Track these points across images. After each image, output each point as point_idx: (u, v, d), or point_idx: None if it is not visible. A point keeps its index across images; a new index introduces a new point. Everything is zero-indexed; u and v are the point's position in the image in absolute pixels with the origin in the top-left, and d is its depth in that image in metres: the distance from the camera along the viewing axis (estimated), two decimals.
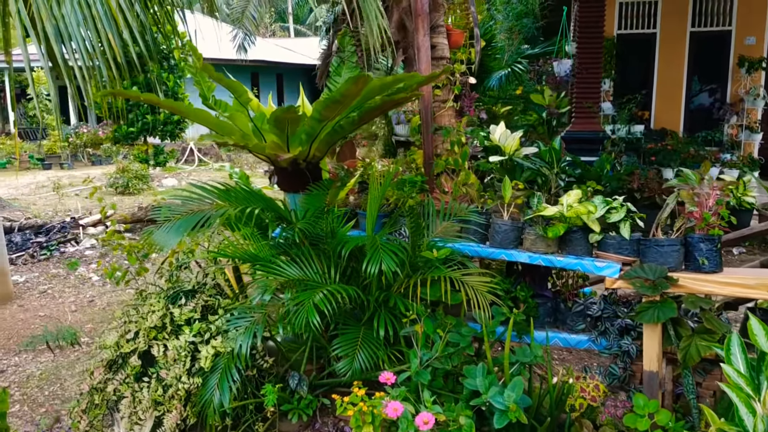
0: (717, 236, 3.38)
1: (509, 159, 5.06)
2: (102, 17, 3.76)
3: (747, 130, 10.53)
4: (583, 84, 8.18)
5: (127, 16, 3.84)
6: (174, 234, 3.03)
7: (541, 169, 6.67)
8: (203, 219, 3.10)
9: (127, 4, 3.83)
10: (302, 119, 3.48)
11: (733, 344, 2.66)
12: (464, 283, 3.12)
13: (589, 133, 8.43)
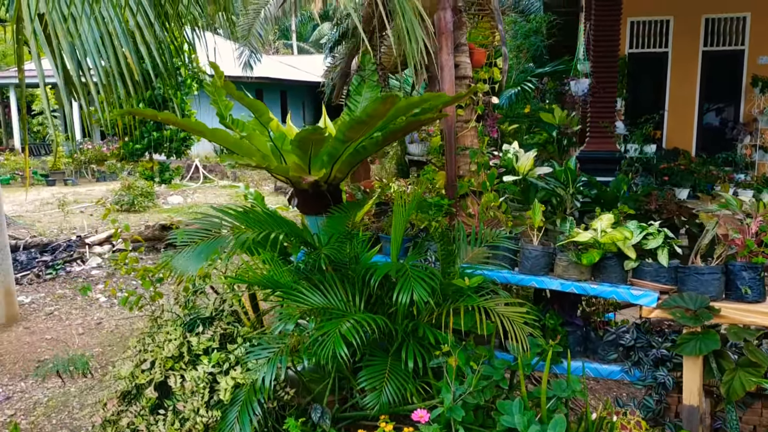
0: (761, 264, 3.23)
1: (523, 179, 4.93)
2: (120, 35, 3.66)
3: (761, 150, 10.41)
4: (599, 103, 8.08)
5: (145, 33, 3.74)
6: (195, 260, 2.89)
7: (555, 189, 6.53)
8: (225, 244, 2.96)
9: (145, 22, 3.73)
10: (327, 140, 3.36)
11: None
12: (500, 314, 2.96)
13: (605, 153, 8.31)
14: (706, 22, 10.44)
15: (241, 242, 3.02)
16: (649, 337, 3.66)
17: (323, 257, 3.11)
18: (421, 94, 4.06)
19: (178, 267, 2.88)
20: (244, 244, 3.03)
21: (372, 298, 3.40)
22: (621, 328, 3.73)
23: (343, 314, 3.11)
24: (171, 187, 14.22)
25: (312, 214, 3.89)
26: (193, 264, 2.89)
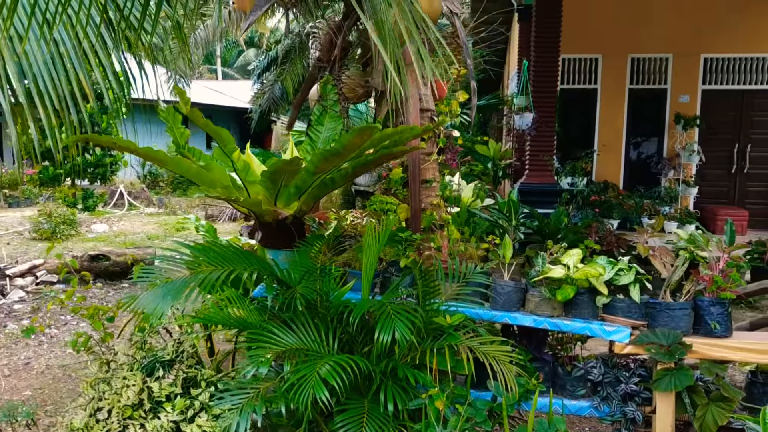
0: (728, 299, 3.31)
1: (466, 210, 4.94)
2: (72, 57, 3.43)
3: (683, 183, 10.93)
4: (539, 137, 8.27)
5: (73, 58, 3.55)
6: (162, 300, 2.68)
7: (498, 221, 6.59)
8: (193, 283, 2.76)
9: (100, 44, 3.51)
10: (299, 172, 3.23)
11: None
12: (484, 354, 2.89)
13: (545, 185, 8.49)
14: (632, 61, 10.94)
15: (211, 281, 2.83)
16: (617, 372, 3.67)
17: (299, 296, 2.95)
18: (389, 127, 4.00)
19: (145, 307, 2.65)
20: (216, 283, 2.84)
21: (344, 337, 3.26)
22: (589, 363, 3.72)
23: (318, 356, 2.95)
24: (94, 214, 13.54)
25: (275, 248, 3.73)
26: (160, 304, 2.67)
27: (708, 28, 10.63)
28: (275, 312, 3.31)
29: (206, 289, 2.81)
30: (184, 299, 2.74)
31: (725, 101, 11.03)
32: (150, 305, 2.67)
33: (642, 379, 3.56)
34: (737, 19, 10.59)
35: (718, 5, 10.53)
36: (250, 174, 3.60)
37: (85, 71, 4.01)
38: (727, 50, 10.80)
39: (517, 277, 3.69)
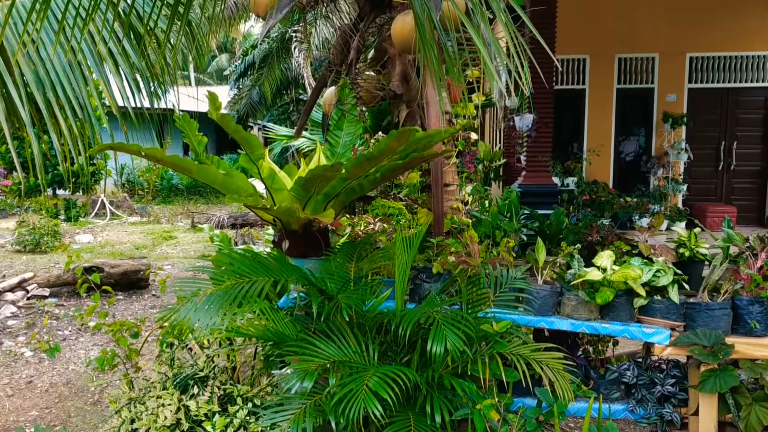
0: (766, 298, 3.29)
1: (466, 212, 4.89)
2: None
3: (673, 182, 11.02)
4: (538, 138, 8.26)
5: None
6: (209, 312, 2.57)
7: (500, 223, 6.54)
8: (242, 293, 2.65)
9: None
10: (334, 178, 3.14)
11: None
12: (538, 362, 2.82)
13: (544, 186, 8.48)
14: (619, 61, 11.01)
15: (255, 291, 2.72)
16: (651, 373, 3.64)
17: (344, 307, 2.86)
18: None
19: (191, 320, 2.54)
20: (261, 293, 2.73)
21: (383, 347, 3.18)
22: (622, 365, 3.69)
23: (362, 367, 2.86)
24: (77, 225, 13.23)
25: (303, 256, 3.62)
26: (208, 316, 2.56)
27: (692, 27, 10.75)
28: (308, 324, 3.21)
29: (251, 299, 2.70)
30: (227, 311, 2.62)
31: (711, 99, 11.16)
32: (196, 317, 2.55)
33: (677, 380, 3.54)
34: (721, 18, 10.72)
35: (702, 5, 10.65)
36: (276, 181, 3.50)
37: (78, 81, 3.90)
38: (711, 49, 10.93)
39: (549, 281, 3.64)
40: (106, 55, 3.78)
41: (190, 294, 2.78)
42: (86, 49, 3.72)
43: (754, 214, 11.38)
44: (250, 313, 3.20)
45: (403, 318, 2.85)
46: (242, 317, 3.05)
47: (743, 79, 11.06)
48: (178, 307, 2.61)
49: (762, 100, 11.17)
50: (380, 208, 5.51)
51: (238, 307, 2.87)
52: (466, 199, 4.37)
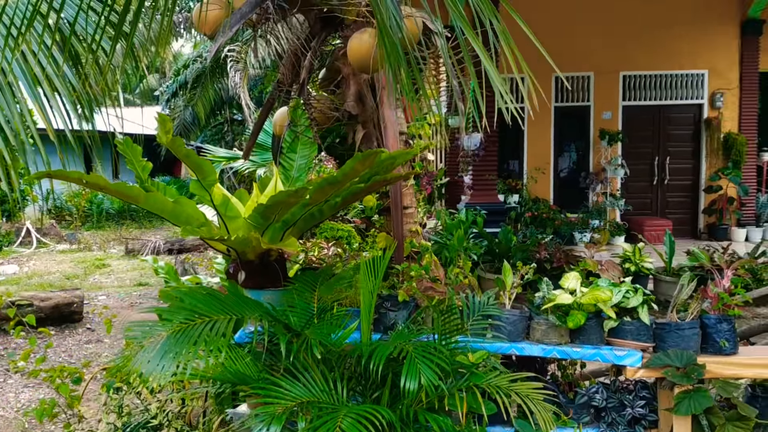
0: (733, 316, 3.28)
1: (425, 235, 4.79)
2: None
3: (611, 197, 11.27)
4: (484, 157, 8.27)
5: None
6: (166, 357, 2.33)
7: (447, 242, 6.46)
8: (203, 335, 2.43)
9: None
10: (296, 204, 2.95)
11: None
12: (518, 393, 2.70)
13: (491, 204, 8.48)
14: (556, 80, 11.23)
15: (218, 332, 2.50)
16: (620, 395, 3.57)
17: (314, 343, 2.66)
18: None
19: (145, 368, 2.29)
20: (225, 332, 2.51)
21: (351, 382, 2.99)
22: (591, 388, 3.61)
23: (332, 407, 2.67)
24: (1, 254, 12.46)
25: (260, 287, 3.40)
26: (163, 363, 2.32)
27: (625, 46, 11.07)
28: (270, 361, 3.00)
29: (215, 341, 2.47)
30: (184, 355, 2.39)
31: (644, 116, 11.51)
32: (149, 366, 2.31)
33: (647, 402, 3.48)
34: (651, 38, 11.09)
35: (634, 26, 10.99)
36: (230, 208, 3.29)
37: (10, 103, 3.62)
38: (643, 68, 11.29)
39: (517, 305, 3.55)
40: (40, 76, 3.50)
41: (140, 335, 2.53)
42: (17, 69, 3.43)
43: (687, 227, 11.76)
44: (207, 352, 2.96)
45: (374, 352, 2.68)
46: (199, 358, 2.81)
47: (674, 96, 11.45)
48: (131, 355, 2.36)
49: (691, 117, 11.59)
50: (329, 231, 5.32)
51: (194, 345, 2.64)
52: (423, 221, 4.24)
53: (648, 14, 10.98)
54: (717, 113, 11.45)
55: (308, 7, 4.00)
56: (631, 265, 7.51)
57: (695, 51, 11.28)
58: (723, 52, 11.30)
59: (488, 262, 7.53)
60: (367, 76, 4.07)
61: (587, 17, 10.87)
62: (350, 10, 3.96)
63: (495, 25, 2.52)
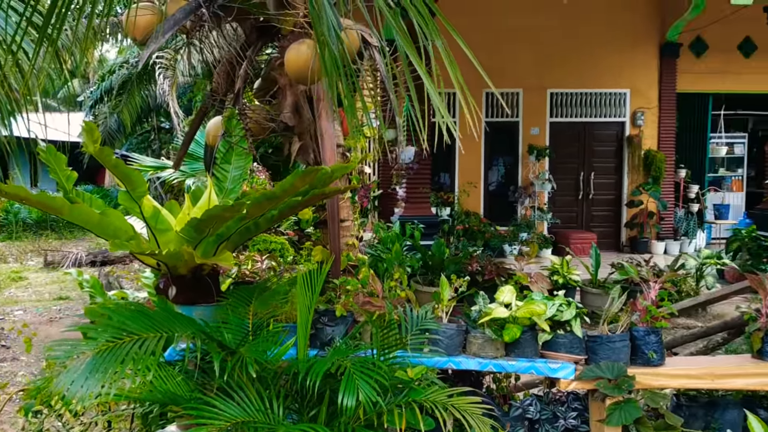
0: (661, 328, 3.39)
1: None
2: None
3: (539, 211, 11.56)
4: (418, 170, 8.33)
5: None
6: (93, 378, 2.20)
7: (382, 255, 6.47)
8: (131, 353, 2.31)
9: None
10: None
11: None
12: (457, 408, 2.69)
13: (425, 217, 8.55)
14: (486, 95, 11.47)
15: (148, 350, 2.38)
16: (553, 407, 3.63)
17: (249, 361, 2.58)
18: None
19: (69, 389, 2.16)
20: (155, 350, 2.39)
21: (287, 400, 2.92)
22: (525, 401, 3.65)
23: (270, 428, 2.59)
24: None
25: (191, 303, 3.29)
26: (86, 383, 2.19)
27: (553, 65, 11.43)
28: (202, 380, 2.90)
29: (141, 360, 2.36)
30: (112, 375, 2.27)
31: (570, 133, 11.90)
32: (73, 388, 2.17)
33: (578, 413, 3.55)
34: (578, 57, 11.50)
35: (561, 46, 11.36)
36: (161, 221, 3.17)
37: None
38: (570, 86, 11.68)
39: (454, 319, 3.55)
40: None
41: (63, 355, 2.39)
42: None
43: (611, 240, 12.19)
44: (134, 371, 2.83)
45: (311, 368, 2.62)
46: (126, 377, 2.68)
47: (598, 114, 11.89)
48: (52, 375, 2.22)
49: (614, 134, 12.06)
50: (262, 243, 5.23)
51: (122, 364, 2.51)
52: (360, 234, 4.21)
53: (574, 35, 11.38)
54: (638, 131, 11.96)
55: (244, 16, 3.93)
56: (559, 278, 7.69)
57: (618, 71, 11.76)
58: (643, 72, 11.83)
59: (422, 275, 7.56)
60: (304, 87, 4.02)
61: (516, 36, 11.16)
62: (287, 20, 3.90)
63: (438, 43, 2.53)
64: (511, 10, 10.95)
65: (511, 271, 7.59)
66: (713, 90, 12.25)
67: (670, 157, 12.06)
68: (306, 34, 3.65)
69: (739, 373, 3.32)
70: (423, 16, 2.89)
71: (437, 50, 2.84)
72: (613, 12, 11.52)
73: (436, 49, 2.87)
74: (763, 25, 9.73)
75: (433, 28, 2.51)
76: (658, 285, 3.43)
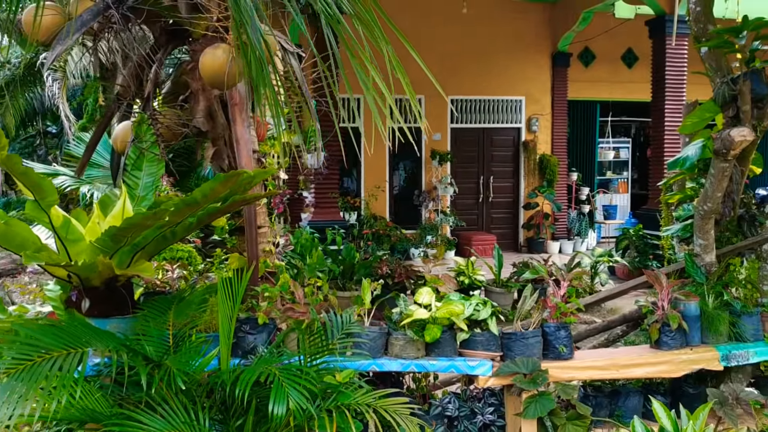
0: (570, 324, 3.59)
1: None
2: None
3: (442, 214, 11.86)
4: (327, 175, 8.35)
5: None
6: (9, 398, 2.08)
7: (292, 260, 6.47)
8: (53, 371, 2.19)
9: None
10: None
11: (637, 429, 2.80)
12: (386, 410, 2.73)
13: (334, 222, 8.57)
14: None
15: (70, 366, 2.27)
16: (471, 404, 3.76)
17: (177, 374, 2.51)
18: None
19: None
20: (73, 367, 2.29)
21: (212, 410, 2.86)
22: (444, 399, 3.76)
23: None
24: None
25: (105, 316, 3.15)
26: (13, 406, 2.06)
27: (453, 72, 11.77)
28: (123, 395, 2.79)
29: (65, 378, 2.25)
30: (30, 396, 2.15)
31: (470, 138, 12.30)
32: None
33: (495, 408, 3.69)
34: (477, 66, 11.91)
35: (460, 53, 11.72)
36: (72, 231, 3.03)
37: None
38: (469, 93, 12.07)
39: (375, 322, 3.61)
40: None
41: None
42: None
43: (510, 241, 12.68)
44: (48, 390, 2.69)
45: (239, 378, 2.59)
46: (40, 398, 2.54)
47: (496, 120, 12.36)
48: None
49: (511, 139, 12.57)
50: (168, 252, 5.08)
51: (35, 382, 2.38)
52: (277, 240, 4.19)
53: (472, 43, 11.79)
54: (533, 136, 12.52)
55: (154, 19, 3.82)
56: (465, 278, 7.96)
57: (514, 79, 12.28)
58: (537, 80, 12.42)
59: (332, 279, 7.59)
60: (218, 91, 3.96)
61: (418, 44, 11.28)
62: (199, 24, 3.83)
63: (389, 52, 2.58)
64: (413, 19, 11.19)
65: (420, 273, 7.78)
66: (601, 98, 13.03)
67: (563, 161, 12.71)
68: (220, 38, 3.60)
69: (640, 362, 3.57)
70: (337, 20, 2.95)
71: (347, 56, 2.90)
72: (509, 23, 12.03)
73: (346, 55, 2.94)
74: (644, 37, 10.48)
75: (382, 37, 2.56)
76: (567, 282, 3.63)
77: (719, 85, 3.81)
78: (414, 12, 11.19)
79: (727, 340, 3.71)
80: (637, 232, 9.57)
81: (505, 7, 11.96)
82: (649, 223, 9.68)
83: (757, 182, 4.72)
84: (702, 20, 3.98)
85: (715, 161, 3.75)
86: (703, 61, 4.02)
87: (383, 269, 7.59)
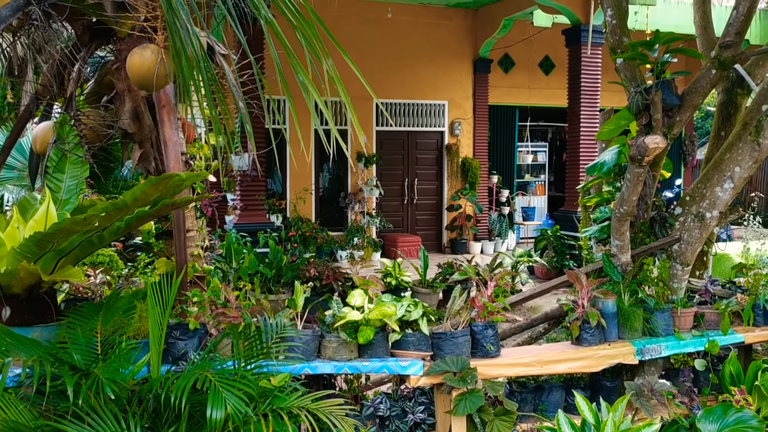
0: (497, 323, 3.71)
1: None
2: None
3: (368, 216, 11.94)
4: (255, 177, 8.26)
5: None
6: None
7: (218, 265, 6.41)
8: None
9: None
10: None
11: (562, 422, 2.95)
12: (321, 411, 2.75)
13: (261, 224, 8.48)
14: (316, 104, 11.60)
15: None
16: (402, 403, 3.83)
17: (107, 383, 2.45)
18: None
19: None
20: None
21: (143, 419, 2.81)
22: (376, 399, 3.82)
23: None
24: None
25: (27, 324, 3.03)
26: None
27: (378, 76, 11.87)
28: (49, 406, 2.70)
29: None
30: None
31: (395, 141, 12.44)
32: None
33: (425, 407, 3.78)
34: (400, 70, 12.06)
35: (384, 58, 11.84)
36: None
37: None
38: (394, 96, 12.21)
39: (308, 325, 3.62)
40: None
41: None
42: None
43: (434, 242, 12.90)
44: None
45: (174, 385, 2.56)
46: None
47: (420, 124, 12.56)
48: None
49: (435, 143, 12.80)
50: (159, 261, 4.93)
51: None
52: (206, 244, 4.13)
53: (395, 48, 11.94)
54: (456, 140, 12.80)
55: (78, 17, 3.70)
56: (392, 279, 8.05)
57: (437, 84, 12.51)
58: (459, 85, 12.70)
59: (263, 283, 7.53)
60: (145, 93, 3.87)
61: (344, 47, 11.43)
62: (125, 23, 3.74)
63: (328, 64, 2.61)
64: (339, 23, 11.22)
65: (348, 276, 7.82)
66: (519, 103, 13.45)
67: (484, 165, 13.05)
68: (147, 38, 3.52)
69: (563, 358, 3.75)
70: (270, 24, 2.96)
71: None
72: (433, 28, 12.26)
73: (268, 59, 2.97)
74: (561, 46, 10.91)
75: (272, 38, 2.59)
76: (493, 283, 3.75)
77: (633, 94, 4.04)
78: (340, 16, 11.23)
79: (641, 336, 3.95)
80: (555, 233, 9.94)
81: (429, 12, 12.18)
82: (566, 224, 10.09)
83: (665, 185, 5.02)
84: (618, 33, 4.21)
85: (631, 167, 3.98)
86: (618, 71, 4.25)
87: (311, 272, 7.58)
